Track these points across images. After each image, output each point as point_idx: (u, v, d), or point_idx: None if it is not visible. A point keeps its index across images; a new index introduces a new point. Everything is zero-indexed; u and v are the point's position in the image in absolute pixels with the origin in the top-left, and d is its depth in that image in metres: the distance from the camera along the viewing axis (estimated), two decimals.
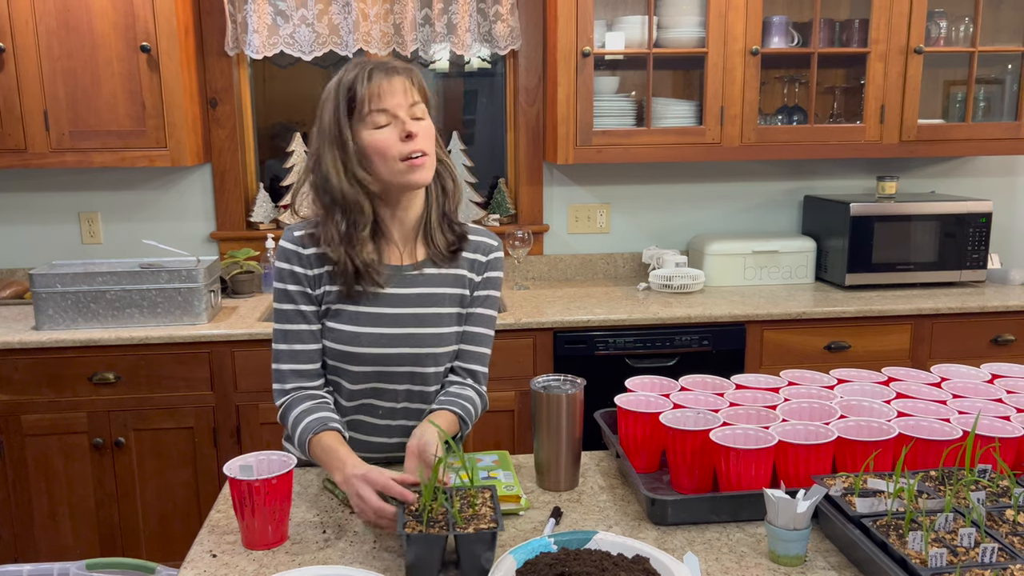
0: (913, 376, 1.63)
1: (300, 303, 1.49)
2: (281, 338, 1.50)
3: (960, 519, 1.15)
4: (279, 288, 1.49)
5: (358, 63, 1.44)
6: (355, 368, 1.50)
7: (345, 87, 1.42)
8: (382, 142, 1.41)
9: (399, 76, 1.42)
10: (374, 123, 1.41)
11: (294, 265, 1.48)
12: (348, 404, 1.55)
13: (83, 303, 2.49)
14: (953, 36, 2.97)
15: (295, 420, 1.45)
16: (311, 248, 1.48)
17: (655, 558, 1.15)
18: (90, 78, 2.61)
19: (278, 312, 1.50)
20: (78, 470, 2.53)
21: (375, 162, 1.42)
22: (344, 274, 1.45)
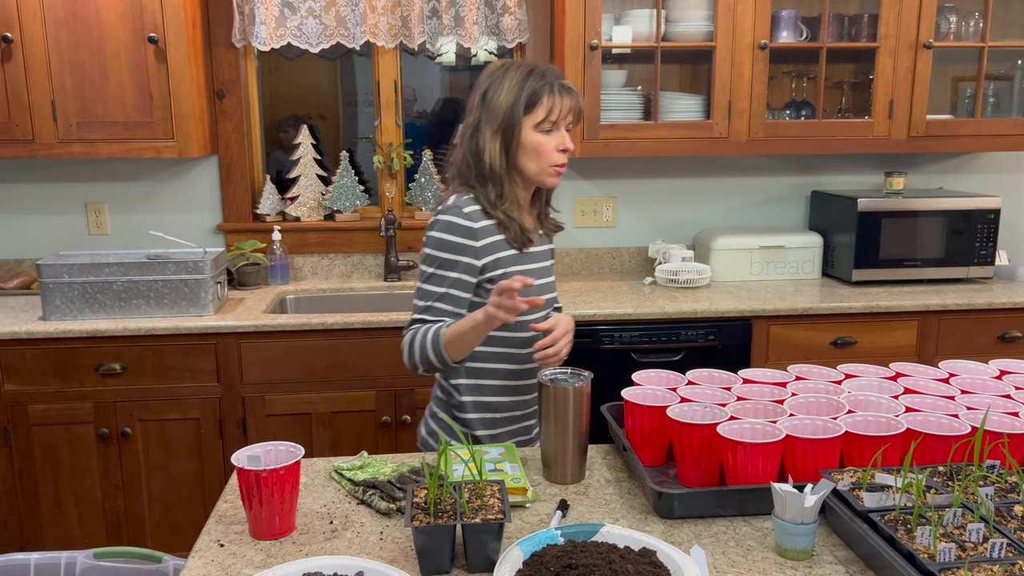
0: (921, 372, 1.63)
1: (462, 273, 1.63)
2: (426, 297, 1.64)
3: (968, 514, 1.15)
4: (444, 257, 1.62)
5: (543, 71, 1.65)
6: (519, 334, 1.69)
7: (530, 89, 1.62)
8: (543, 145, 1.63)
9: (571, 98, 1.65)
10: (542, 128, 1.63)
11: (465, 238, 1.63)
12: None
13: (90, 294, 2.50)
14: (963, 31, 2.96)
15: (424, 331, 1.60)
16: (481, 221, 1.64)
17: (662, 551, 1.15)
18: (97, 69, 2.62)
19: (437, 278, 1.63)
20: (84, 460, 2.54)
21: (529, 157, 1.64)
22: (515, 234, 1.66)
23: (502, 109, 1.62)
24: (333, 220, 3.11)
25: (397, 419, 2.60)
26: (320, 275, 3.12)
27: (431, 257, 1.64)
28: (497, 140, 1.63)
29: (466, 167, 1.67)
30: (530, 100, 1.61)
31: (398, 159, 3.09)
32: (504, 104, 1.62)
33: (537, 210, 1.77)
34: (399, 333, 2.53)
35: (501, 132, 1.63)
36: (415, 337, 1.62)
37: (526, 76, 1.63)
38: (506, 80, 1.63)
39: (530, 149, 1.63)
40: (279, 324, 2.50)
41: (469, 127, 1.67)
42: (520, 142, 1.63)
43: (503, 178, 1.65)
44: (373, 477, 1.42)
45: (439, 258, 1.63)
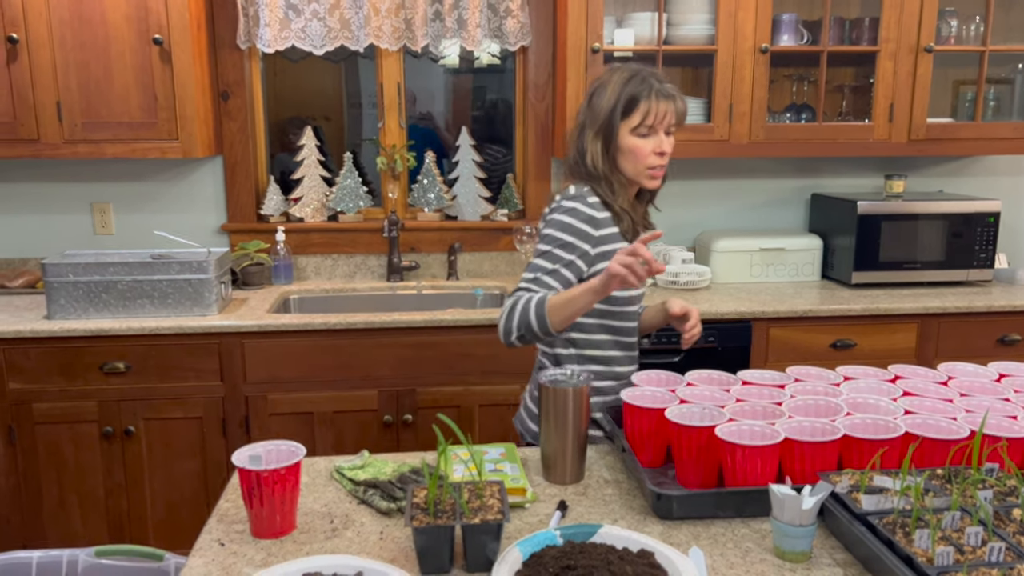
0: (920, 374, 1.64)
1: (577, 257, 1.68)
2: (537, 270, 1.66)
3: (967, 518, 1.16)
4: (563, 238, 1.67)
5: (644, 75, 1.69)
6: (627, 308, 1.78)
7: (629, 93, 1.68)
8: (639, 148, 1.69)
9: (671, 102, 1.69)
10: (639, 131, 1.69)
11: (586, 225, 1.68)
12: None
13: (95, 293, 2.51)
14: (964, 35, 2.96)
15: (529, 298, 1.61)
16: (602, 212, 1.71)
17: (660, 552, 1.16)
18: (103, 70, 2.63)
19: (552, 255, 1.67)
20: (88, 458, 2.55)
21: (626, 159, 1.71)
22: (628, 226, 1.73)
23: (602, 113, 1.70)
24: (336, 221, 3.12)
25: (399, 419, 2.61)
26: (323, 275, 3.13)
27: (550, 236, 1.69)
28: (598, 142, 1.72)
29: (575, 164, 1.77)
30: (628, 105, 1.68)
31: (401, 161, 3.10)
32: (605, 108, 1.70)
33: (641, 208, 1.83)
34: (402, 333, 2.56)
35: (601, 135, 1.71)
36: (517, 302, 1.62)
37: (627, 80, 1.69)
38: (609, 84, 1.71)
39: (627, 152, 1.70)
40: (282, 324, 2.51)
41: (577, 128, 1.77)
42: (618, 145, 1.70)
43: (609, 177, 1.73)
44: (374, 477, 1.43)
45: (558, 238, 1.68)
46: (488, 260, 3.18)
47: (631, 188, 1.78)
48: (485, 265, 3.18)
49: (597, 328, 1.77)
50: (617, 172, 1.73)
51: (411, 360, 2.58)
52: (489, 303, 3.02)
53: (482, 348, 2.59)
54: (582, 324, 1.77)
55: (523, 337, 1.63)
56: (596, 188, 1.73)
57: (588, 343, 1.78)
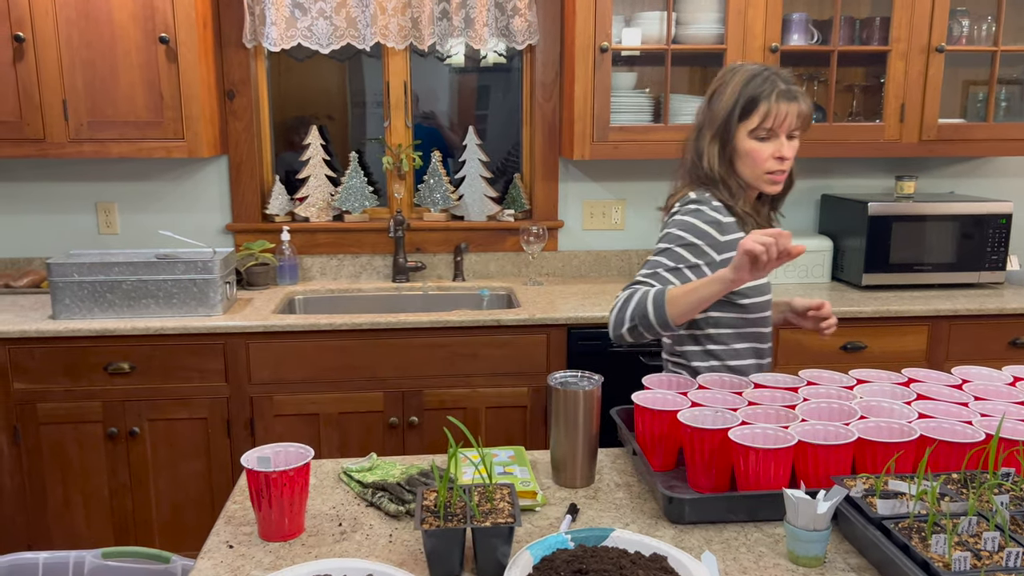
0: (934, 378, 1.62)
1: (701, 261, 1.63)
2: (657, 266, 1.62)
3: (984, 523, 1.14)
4: (687, 239, 1.63)
5: (767, 75, 1.63)
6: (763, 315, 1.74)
7: (749, 94, 1.62)
8: (757, 152, 1.64)
9: (795, 103, 1.62)
10: (757, 134, 1.63)
11: (712, 228, 1.64)
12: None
13: (99, 293, 2.50)
14: (975, 35, 2.94)
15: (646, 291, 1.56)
16: (727, 217, 1.67)
17: (673, 557, 1.14)
18: (109, 69, 2.62)
19: (674, 253, 1.63)
20: (92, 459, 2.54)
21: (744, 163, 1.67)
22: (748, 225, 1.67)
23: (721, 114, 1.65)
24: (342, 221, 3.11)
25: (404, 420, 2.60)
26: (329, 276, 3.12)
27: (674, 236, 1.64)
28: (715, 145, 1.67)
29: (693, 167, 1.72)
30: (747, 106, 1.62)
31: (407, 160, 3.09)
32: (723, 109, 1.65)
33: (764, 211, 1.78)
34: (407, 334, 2.55)
35: (719, 137, 1.67)
36: (633, 295, 1.56)
37: (747, 81, 1.63)
38: (730, 84, 1.65)
39: (744, 155, 1.65)
40: (287, 324, 2.50)
41: (695, 128, 1.72)
42: (735, 148, 1.66)
43: (727, 180, 1.68)
44: (382, 479, 1.42)
45: (682, 237, 1.63)
46: (494, 260, 3.16)
47: (750, 192, 1.72)
48: (491, 266, 3.17)
49: (735, 337, 1.73)
50: (734, 175, 1.68)
51: (417, 361, 2.57)
52: (495, 304, 3.01)
53: (489, 349, 2.58)
54: (722, 337, 1.73)
55: (635, 329, 1.54)
56: (716, 192, 1.68)
57: (729, 353, 1.74)
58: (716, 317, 1.72)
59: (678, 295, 1.51)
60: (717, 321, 1.73)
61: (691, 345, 1.78)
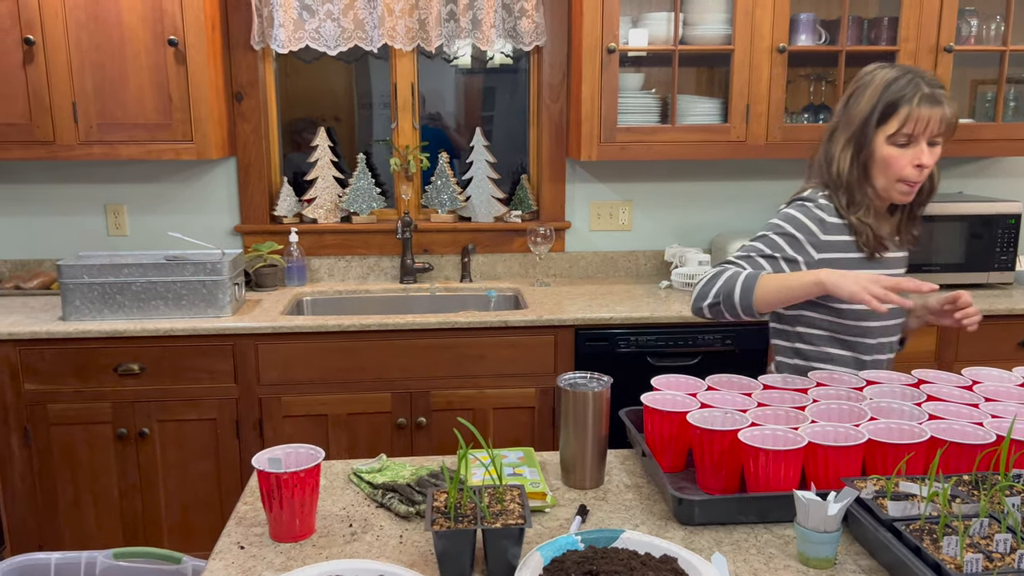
0: (944, 379, 1.61)
1: (799, 256, 1.62)
2: (752, 251, 1.63)
3: (995, 524, 1.14)
4: (788, 231, 1.63)
5: (911, 77, 1.56)
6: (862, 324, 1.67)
7: (889, 98, 1.55)
8: (893, 159, 1.58)
9: (939, 108, 1.55)
10: (896, 140, 1.57)
11: (815, 225, 1.62)
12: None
13: (109, 294, 2.51)
14: (984, 35, 2.93)
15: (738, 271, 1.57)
16: (834, 218, 1.63)
17: (683, 558, 1.14)
18: (118, 71, 2.63)
19: (765, 239, 1.64)
20: (102, 460, 2.55)
21: (879, 170, 1.60)
22: (867, 239, 1.62)
23: (858, 118, 1.59)
24: (350, 222, 3.12)
25: (412, 421, 2.60)
26: (336, 277, 3.13)
27: (776, 225, 1.65)
28: (849, 150, 1.61)
29: (820, 169, 1.68)
30: (886, 111, 1.56)
31: (414, 161, 3.10)
32: (860, 113, 1.59)
33: (897, 219, 1.71)
34: (415, 335, 2.55)
35: (854, 141, 1.61)
36: (723, 272, 1.58)
37: (889, 83, 1.56)
38: (870, 87, 1.59)
39: (880, 162, 1.59)
40: (296, 326, 2.51)
41: (829, 129, 1.67)
42: (871, 153, 1.59)
43: (853, 187, 1.62)
44: (392, 480, 1.42)
45: (783, 229, 1.63)
46: (502, 262, 3.17)
47: (880, 201, 1.66)
48: (499, 267, 3.17)
49: (828, 341, 1.71)
50: (866, 183, 1.62)
51: (425, 362, 2.57)
52: (503, 305, 3.01)
53: (496, 350, 2.58)
54: (812, 338, 1.71)
55: (716, 306, 1.57)
56: (833, 195, 1.64)
57: (820, 356, 1.72)
58: (807, 316, 1.70)
59: (769, 284, 1.52)
60: (809, 320, 1.71)
61: (781, 340, 1.78)
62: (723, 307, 1.57)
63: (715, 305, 1.57)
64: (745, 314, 1.56)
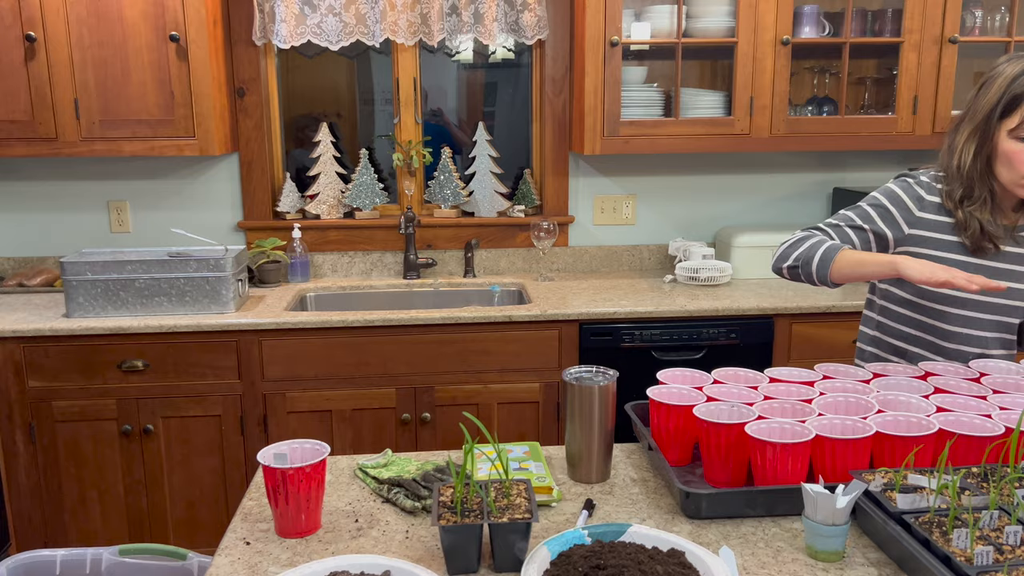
0: (951, 371, 1.61)
1: (874, 225, 1.64)
2: (844, 220, 1.66)
3: (1005, 516, 1.13)
4: (884, 204, 1.65)
5: None
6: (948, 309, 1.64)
7: (1014, 91, 1.50)
8: (1016, 154, 1.52)
9: None
10: (1018, 134, 1.51)
11: (912, 201, 1.63)
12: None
13: (112, 291, 2.51)
14: (988, 26, 2.92)
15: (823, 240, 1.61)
16: (934, 197, 1.63)
17: (691, 552, 1.14)
18: (120, 67, 2.63)
19: (859, 209, 1.66)
20: (107, 456, 2.55)
21: (1002, 164, 1.55)
22: (969, 230, 1.59)
23: (983, 110, 1.55)
24: (353, 218, 3.11)
25: (417, 417, 2.60)
26: (340, 272, 3.12)
27: (873, 197, 1.66)
28: (972, 143, 1.57)
29: (943, 158, 1.65)
30: (1010, 103, 1.51)
31: (417, 157, 3.09)
32: (986, 104, 1.54)
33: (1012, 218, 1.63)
34: (419, 331, 2.55)
35: (977, 134, 1.57)
36: (809, 238, 1.62)
37: (1016, 76, 1.51)
38: (999, 78, 1.54)
39: (1003, 156, 1.54)
40: (300, 322, 2.50)
41: (956, 120, 1.63)
42: (994, 147, 1.55)
43: (973, 180, 1.58)
44: (398, 475, 1.42)
45: (879, 201, 1.65)
46: (505, 256, 3.16)
47: (1006, 199, 1.60)
48: (502, 262, 3.17)
49: (904, 320, 1.70)
50: (990, 177, 1.57)
51: (429, 358, 2.57)
52: (506, 300, 3.00)
53: (500, 345, 2.58)
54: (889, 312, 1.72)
55: (795, 269, 1.62)
56: (947, 185, 1.61)
57: (897, 334, 1.72)
58: (892, 292, 1.71)
59: (847, 258, 1.54)
60: (886, 293, 1.72)
61: (868, 311, 1.80)
62: (801, 273, 1.62)
63: (794, 268, 1.63)
64: (820, 283, 1.61)
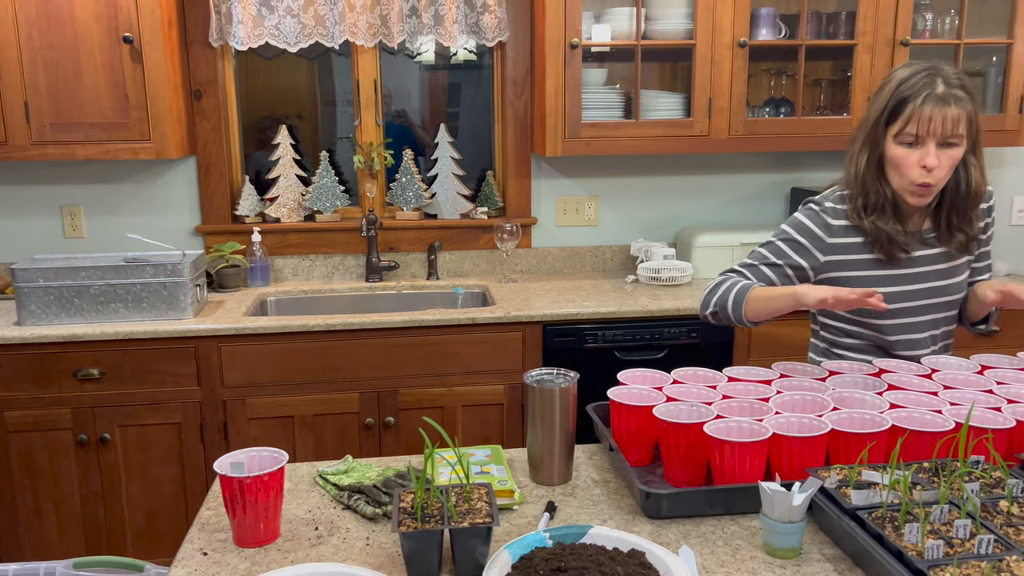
0: (904, 368, 1.64)
1: (789, 260, 1.67)
2: (758, 258, 1.69)
3: (955, 511, 1.16)
4: (794, 237, 1.67)
5: (929, 74, 1.52)
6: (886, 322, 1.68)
7: (899, 96, 1.53)
8: (901, 160, 1.55)
9: (951, 108, 1.50)
10: (903, 140, 1.54)
11: (820, 230, 1.66)
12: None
13: (66, 298, 2.45)
14: (939, 28, 2.98)
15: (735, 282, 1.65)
16: (842, 220, 1.65)
17: (651, 552, 1.14)
18: (72, 69, 2.57)
19: (771, 245, 1.69)
20: (63, 467, 2.50)
21: (892, 170, 1.58)
22: (878, 242, 1.62)
23: (873, 116, 1.58)
24: (313, 221, 3.08)
25: (380, 421, 2.58)
26: (301, 276, 3.09)
27: (783, 231, 1.69)
28: (865, 150, 1.60)
29: (845, 165, 1.67)
30: (895, 109, 1.54)
31: (378, 159, 3.07)
32: (875, 111, 1.58)
33: (940, 218, 1.65)
34: (382, 334, 2.53)
35: (869, 141, 1.60)
36: (724, 282, 1.67)
37: (903, 81, 1.53)
38: (888, 84, 1.57)
39: (890, 162, 1.57)
40: (260, 326, 2.47)
41: (855, 131, 1.66)
42: (884, 154, 1.58)
43: (869, 187, 1.61)
44: (358, 482, 1.41)
45: (789, 235, 1.68)
46: (468, 259, 3.16)
47: (907, 206, 1.62)
48: (466, 264, 3.16)
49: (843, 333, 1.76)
50: (883, 183, 1.60)
51: (392, 361, 2.56)
52: (470, 302, 3.00)
53: (464, 348, 2.57)
54: (831, 327, 1.78)
55: (716, 315, 1.66)
56: (852, 196, 1.63)
57: (841, 346, 1.77)
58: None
59: (756, 299, 1.59)
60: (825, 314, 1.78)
61: (814, 325, 1.85)
62: (722, 317, 1.67)
63: (715, 314, 1.68)
64: (739, 324, 1.66)
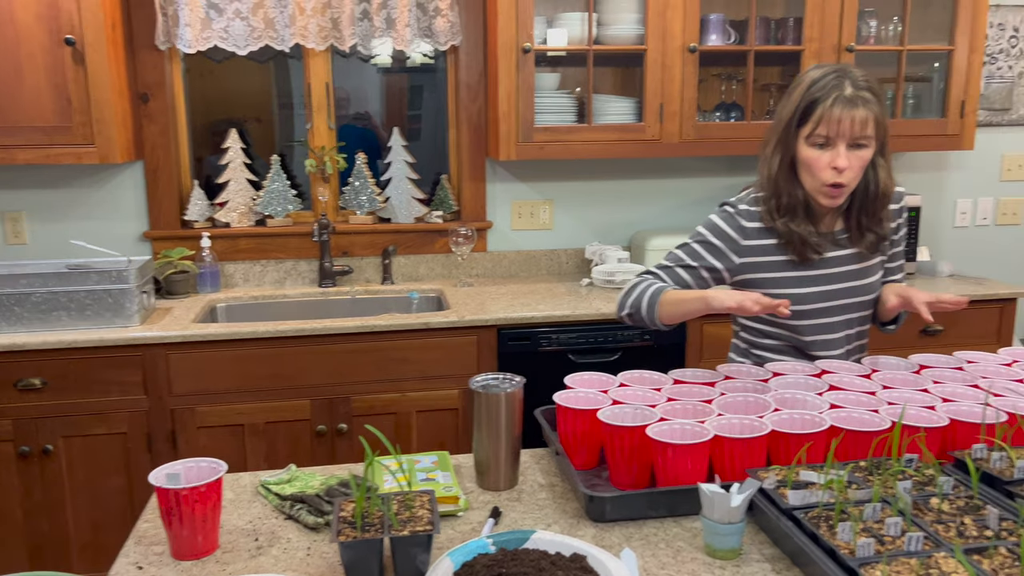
0: (845, 368, 1.67)
1: (704, 262, 1.69)
2: (674, 260, 1.70)
3: (888, 509, 1.18)
4: (709, 239, 1.69)
5: (838, 76, 1.54)
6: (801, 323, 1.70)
7: (809, 98, 1.55)
8: (813, 161, 1.57)
9: (859, 110, 1.53)
10: (814, 141, 1.56)
11: (734, 232, 1.67)
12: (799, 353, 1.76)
13: (6, 306, 2.39)
14: (883, 35, 3.05)
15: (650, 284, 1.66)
16: (756, 222, 1.66)
17: (592, 556, 1.15)
18: (12, 72, 2.51)
19: (687, 248, 1.71)
20: (4, 480, 2.43)
21: (804, 172, 1.61)
22: (791, 244, 1.64)
23: (784, 117, 1.60)
24: (264, 226, 3.04)
25: (333, 428, 2.56)
26: (252, 282, 3.05)
27: (698, 233, 1.70)
28: (778, 152, 1.62)
29: (759, 167, 1.68)
30: (806, 111, 1.56)
31: (331, 163, 3.04)
32: (785, 113, 1.60)
33: (851, 220, 1.67)
34: (335, 340, 2.51)
35: (781, 144, 1.61)
36: (640, 284, 1.68)
37: (812, 83, 1.55)
38: (798, 87, 1.58)
39: (802, 164, 1.59)
40: (208, 334, 2.43)
41: (766, 134, 1.67)
42: (796, 156, 1.60)
43: (783, 190, 1.62)
44: (301, 491, 1.39)
45: (704, 237, 1.69)
46: (424, 263, 3.14)
47: (819, 207, 1.63)
48: (421, 268, 3.15)
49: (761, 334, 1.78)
50: (795, 185, 1.61)
51: (345, 367, 2.53)
52: (425, 306, 2.99)
53: (418, 353, 2.56)
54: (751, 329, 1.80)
55: (632, 316, 1.68)
56: (764, 200, 1.65)
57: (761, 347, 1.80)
58: None
59: (669, 302, 1.60)
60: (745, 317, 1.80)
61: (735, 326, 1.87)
62: (636, 319, 1.68)
63: (631, 316, 1.69)
64: (653, 326, 1.67)
